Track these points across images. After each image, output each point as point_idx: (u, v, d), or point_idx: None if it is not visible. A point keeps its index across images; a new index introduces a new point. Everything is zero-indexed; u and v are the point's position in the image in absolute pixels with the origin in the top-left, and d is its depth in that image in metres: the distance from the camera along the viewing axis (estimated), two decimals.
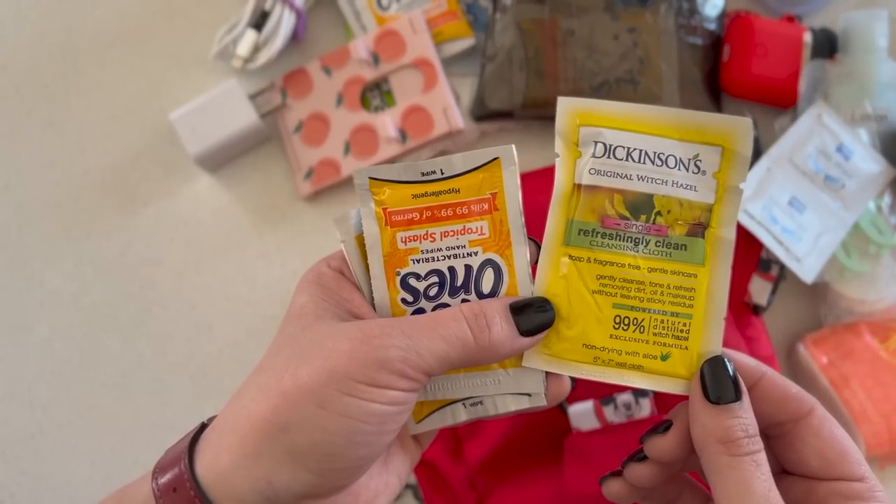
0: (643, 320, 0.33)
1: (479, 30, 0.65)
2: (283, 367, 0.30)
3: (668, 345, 0.33)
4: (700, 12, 0.62)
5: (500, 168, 0.34)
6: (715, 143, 0.34)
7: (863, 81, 0.58)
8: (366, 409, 0.29)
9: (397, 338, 0.30)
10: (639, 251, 0.33)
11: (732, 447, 0.31)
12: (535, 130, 0.64)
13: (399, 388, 0.30)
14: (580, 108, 0.34)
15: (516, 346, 0.32)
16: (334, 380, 0.29)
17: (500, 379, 0.34)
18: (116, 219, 0.65)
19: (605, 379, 0.33)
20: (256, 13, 0.63)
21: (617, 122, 0.34)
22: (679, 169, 0.34)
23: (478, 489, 0.55)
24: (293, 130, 0.64)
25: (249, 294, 0.64)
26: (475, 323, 0.31)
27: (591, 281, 0.33)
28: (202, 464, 0.30)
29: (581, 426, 0.52)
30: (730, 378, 0.32)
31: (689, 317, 0.33)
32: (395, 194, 0.34)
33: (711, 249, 0.33)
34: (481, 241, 0.33)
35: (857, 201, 0.58)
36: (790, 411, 0.33)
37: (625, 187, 0.33)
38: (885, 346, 0.58)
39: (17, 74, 0.67)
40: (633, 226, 0.33)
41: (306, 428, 0.29)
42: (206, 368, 0.63)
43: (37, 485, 0.62)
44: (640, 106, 0.34)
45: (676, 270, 0.33)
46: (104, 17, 0.68)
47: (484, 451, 0.54)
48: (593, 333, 0.33)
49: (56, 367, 0.63)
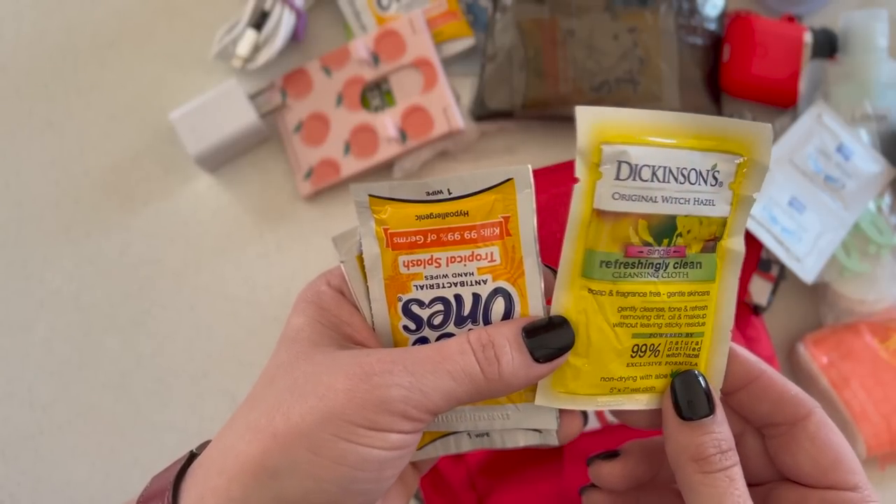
0: (659, 345, 0.32)
1: (479, 30, 0.65)
2: (276, 405, 0.28)
3: (679, 363, 0.32)
4: (700, 12, 0.62)
5: (514, 190, 0.30)
6: (733, 152, 0.31)
7: (863, 81, 0.58)
8: (363, 456, 0.27)
9: (399, 375, 0.28)
10: (659, 276, 0.31)
11: (705, 464, 0.30)
12: (535, 130, 0.64)
13: (401, 431, 0.28)
14: (601, 121, 0.30)
15: (532, 376, 0.30)
16: (330, 422, 0.27)
17: (508, 414, 0.31)
18: (116, 219, 0.65)
19: (620, 406, 0.32)
20: (256, 13, 0.63)
21: (641, 135, 0.30)
22: (699, 184, 0.31)
23: (478, 489, 0.55)
24: (293, 130, 0.64)
25: (249, 294, 0.64)
26: (483, 355, 0.29)
27: (612, 315, 0.31)
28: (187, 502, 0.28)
29: None
30: (702, 391, 0.31)
31: (701, 335, 0.32)
32: (396, 213, 0.31)
33: (722, 263, 0.32)
34: (491, 269, 0.30)
35: (858, 201, 0.58)
36: (786, 413, 0.32)
37: (650, 211, 0.30)
38: (885, 346, 0.58)
39: (17, 74, 0.67)
40: (655, 251, 0.31)
41: (297, 475, 0.27)
42: (206, 368, 0.63)
43: (37, 485, 0.62)
44: (661, 113, 0.31)
45: (693, 291, 0.32)
46: (104, 17, 0.68)
47: (484, 450, 0.54)
48: (612, 366, 0.31)
49: (56, 367, 0.63)
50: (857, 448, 0.56)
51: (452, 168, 0.65)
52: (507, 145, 0.65)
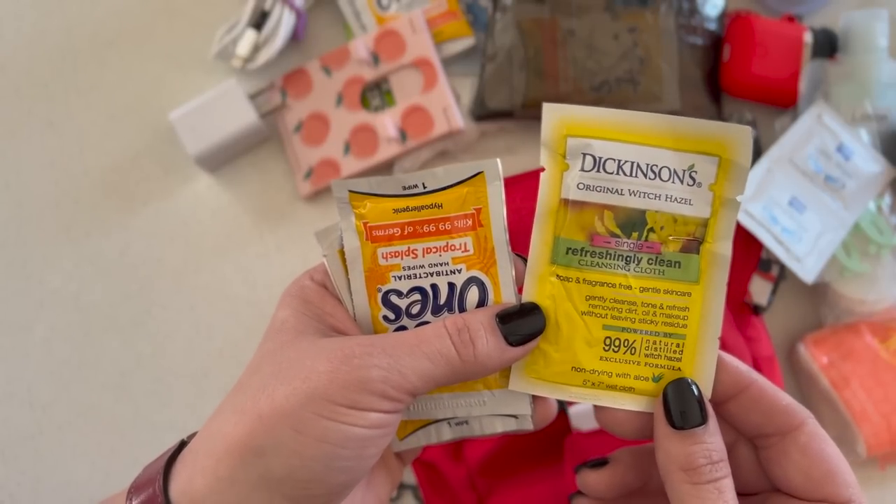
0: (634, 342, 0.32)
1: (479, 30, 0.65)
2: (261, 388, 0.29)
3: (660, 366, 0.32)
4: (700, 12, 0.62)
5: (485, 182, 0.32)
6: (712, 153, 0.31)
7: (863, 81, 0.58)
8: (345, 434, 0.28)
9: (379, 357, 0.29)
10: (630, 270, 0.32)
11: (694, 475, 0.29)
12: (535, 130, 0.64)
13: (381, 410, 0.29)
14: (568, 116, 0.32)
15: (505, 359, 0.31)
16: (312, 402, 0.28)
17: (485, 400, 0.33)
18: (116, 219, 0.65)
19: (596, 402, 0.32)
20: (256, 13, 0.63)
21: (607, 131, 0.32)
22: (673, 182, 0.32)
23: (478, 489, 0.55)
24: (293, 130, 0.64)
25: (249, 294, 0.64)
26: (459, 339, 0.30)
27: (580, 302, 0.32)
28: (176, 487, 0.29)
29: (581, 426, 0.52)
30: (695, 400, 0.31)
31: (682, 337, 0.32)
32: (375, 208, 0.33)
33: (706, 266, 0.32)
34: (465, 259, 0.32)
35: (858, 201, 0.58)
36: (777, 424, 0.31)
37: (615, 203, 0.32)
38: (885, 346, 0.58)
39: (17, 74, 0.67)
40: (624, 243, 0.32)
41: (282, 453, 0.28)
42: (206, 368, 0.63)
43: (37, 485, 0.62)
44: (633, 113, 0.32)
45: (670, 289, 0.32)
46: (104, 17, 0.68)
47: (484, 451, 0.54)
48: (582, 356, 0.32)
49: (56, 367, 0.63)
50: (858, 448, 0.56)
51: None
52: (507, 145, 0.65)
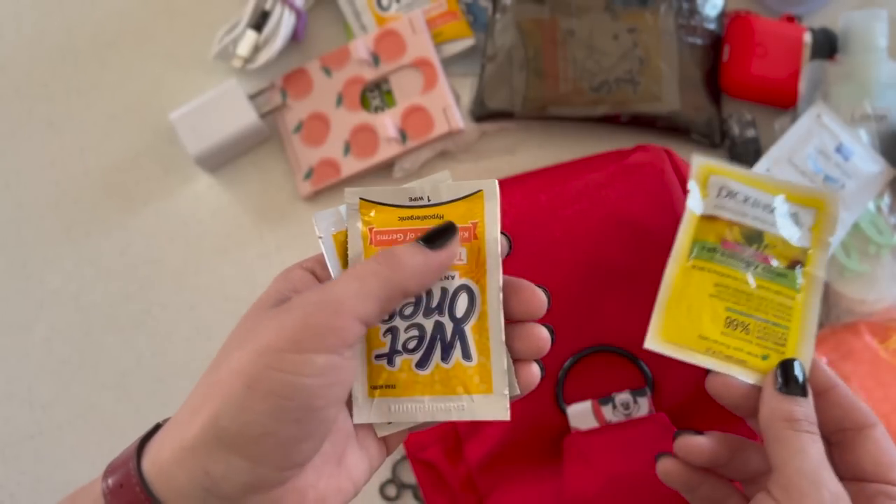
0: (749, 324, 0.41)
1: (479, 30, 0.65)
2: (223, 359, 0.31)
3: (769, 348, 0.40)
4: (700, 12, 0.62)
5: (483, 200, 0.34)
6: (811, 206, 0.44)
7: (863, 81, 0.58)
8: (292, 384, 0.29)
9: (315, 294, 0.31)
10: (749, 271, 0.42)
11: (795, 424, 0.36)
12: (535, 130, 0.64)
13: (326, 350, 0.29)
14: (713, 165, 0.45)
15: (431, 262, 0.32)
16: (262, 356, 0.29)
17: (464, 405, 0.34)
18: (116, 218, 0.65)
19: (713, 367, 0.40)
20: (256, 13, 0.63)
21: (739, 177, 0.44)
22: (783, 219, 0.43)
23: (478, 489, 0.55)
24: (293, 130, 0.65)
25: (249, 294, 0.63)
26: (383, 257, 0.32)
27: (709, 286, 0.42)
28: (147, 459, 0.31)
29: (580, 426, 0.52)
30: (802, 376, 0.38)
31: (786, 328, 0.41)
32: (381, 215, 0.35)
33: (808, 282, 0.42)
34: (459, 267, 0.34)
35: (857, 201, 0.58)
36: (855, 419, 0.38)
37: (741, 221, 0.43)
38: (885, 346, 0.58)
39: (17, 74, 0.67)
40: (746, 250, 0.43)
41: (234, 411, 0.29)
42: (206, 368, 0.63)
43: (37, 485, 0.62)
44: (757, 172, 0.46)
45: (778, 291, 0.42)
46: (104, 17, 0.68)
47: (484, 451, 0.54)
48: (707, 328, 0.41)
49: (56, 367, 0.63)
50: None
51: (453, 168, 0.65)
52: (507, 145, 0.65)
